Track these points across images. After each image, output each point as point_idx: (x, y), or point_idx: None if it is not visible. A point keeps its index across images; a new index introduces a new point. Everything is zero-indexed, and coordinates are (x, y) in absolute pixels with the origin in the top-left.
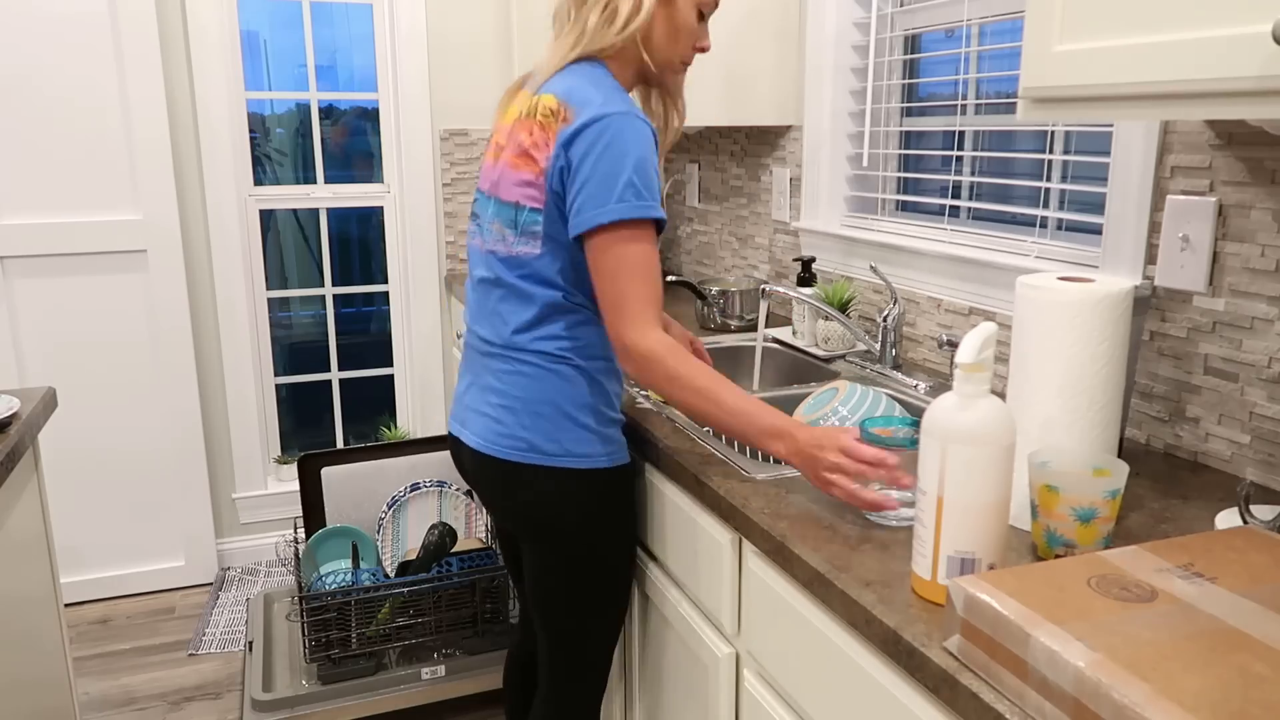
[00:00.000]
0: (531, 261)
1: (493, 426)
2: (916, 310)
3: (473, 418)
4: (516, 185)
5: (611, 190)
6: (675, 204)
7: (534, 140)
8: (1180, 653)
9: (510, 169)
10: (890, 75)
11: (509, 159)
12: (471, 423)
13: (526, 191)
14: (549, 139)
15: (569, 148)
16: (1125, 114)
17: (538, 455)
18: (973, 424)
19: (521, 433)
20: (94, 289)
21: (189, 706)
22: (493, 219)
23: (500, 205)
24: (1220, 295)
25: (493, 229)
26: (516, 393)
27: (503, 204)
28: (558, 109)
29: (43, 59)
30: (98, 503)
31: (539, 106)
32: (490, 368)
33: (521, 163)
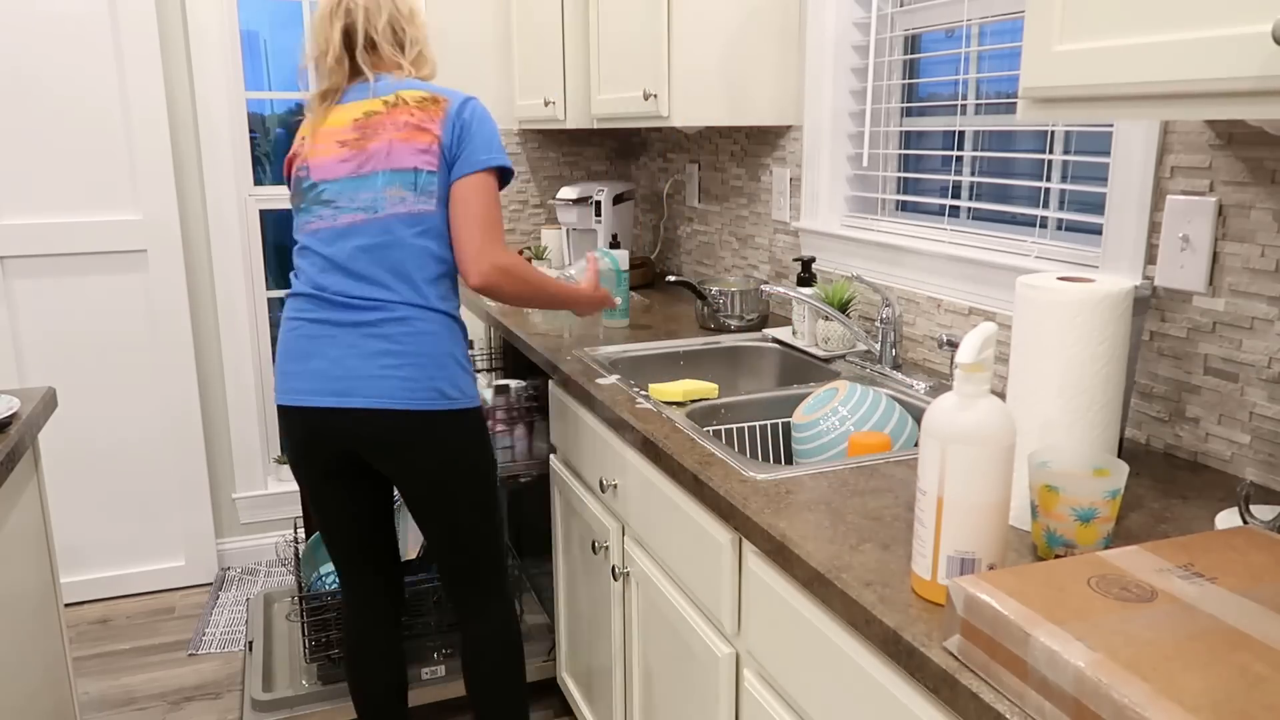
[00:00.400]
0: (429, 217)
1: (402, 385)
2: (916, 310)
3: (365, 383)
4: (412, 154)
5: (492, 145)
6: (675, 204)
7: (418, 118)
8: (1180, 653)
9: (401, 142)
10: (890, 75)
11: (395, 135)
12: (364, 388)
13: (423, 158)
14: (435, 116)
15: (460, 116)
16: (1125, 114)
17: (447, 401)
18: (973, 424)
19: (432, 384)
20: (94, 289)
21: (189, 706)
22: (383, 187)
23: (392, 174)
24: (1220, 295)
25: (387, 196)
26: (422, 349)
27: (396, 172)
28: (431, 96)
29: (43, 59)
30: (98, 503)
31: (406, 98)
32: (379, 333)
33: (414, 135)
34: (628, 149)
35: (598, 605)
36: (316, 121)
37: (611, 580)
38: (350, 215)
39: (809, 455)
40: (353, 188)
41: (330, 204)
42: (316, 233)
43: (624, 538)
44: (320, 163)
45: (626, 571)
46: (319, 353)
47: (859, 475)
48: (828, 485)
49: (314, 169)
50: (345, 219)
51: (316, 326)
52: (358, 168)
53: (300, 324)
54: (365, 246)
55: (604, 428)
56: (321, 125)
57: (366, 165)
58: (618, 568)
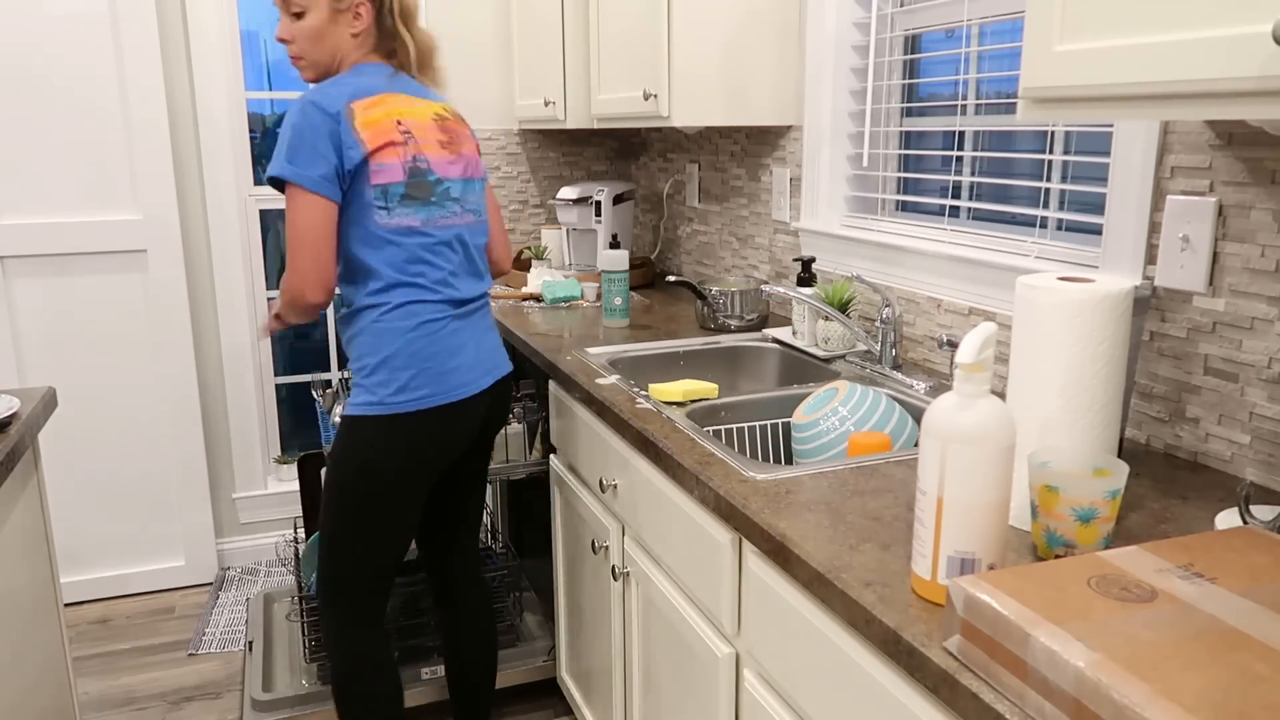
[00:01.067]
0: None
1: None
2: (916, 310)
3: (502, 354)
4: (480, 164)
5: None
6: (675, 204)
7: (469, 133)
8: (1180, 653)
9: (474, 153)
10: (890, 75)
11: (470, 146)
12: (503, 357)
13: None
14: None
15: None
16: (1125, 114)
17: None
18: (973, 424)
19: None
20: (94, 289)
21: (189, 706)
22: (480, 194)
23: (482, 182)
24: (1220, 295)
25: (485, 202)
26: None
27: (483, 180)
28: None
29: (43, 59)
30: (98, 503)
31: (450, 110)
32: (488, 311)
33: (476, 149)
34: (628, 149)
35: (598, 605)
36: (401, 108)
37: (611, 580)
38: (462, 216)
39: (809, 455)
40: (463, 190)
41: (457, 201)
42: (448, 229)
43: (624, 538)
44: (436, 156)
45: (626, 571)
46: (468, 340)
47: (859, 475)
48: (828, 485)
49: (434, 164)
50: (462, 219)
51: (464, 316)
52: (467, 169)
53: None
54: (475, 245)
55: (604, 428)
56: (413, 115)
57: (469, 170)
58: (618, 568)
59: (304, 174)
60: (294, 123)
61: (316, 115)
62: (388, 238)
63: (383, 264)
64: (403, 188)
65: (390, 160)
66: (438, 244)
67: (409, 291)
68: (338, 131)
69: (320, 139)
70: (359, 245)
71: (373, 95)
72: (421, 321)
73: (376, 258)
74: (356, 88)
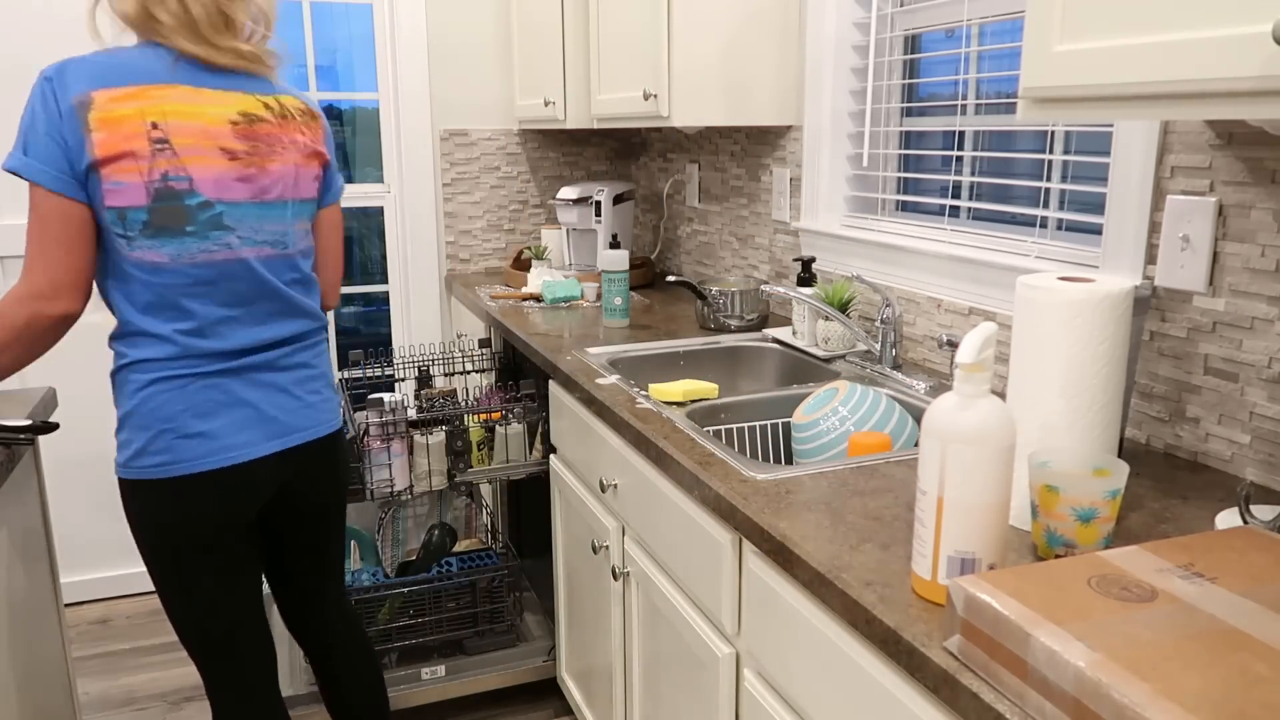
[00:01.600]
0: (311, 246)
1: (332, 408)
2: (916, 310)
3: (310, 413)
4: (311, 182)
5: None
6: (675, 204)
7: (310, 138)
8: (1180, 653)
9: (305, 168)
10: (890, 75)
11: (300, 160)
12: (312, 416)
13: (315, 186)
14: (319, 136)
15: (328, 139)
16: (1125, 114)
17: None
18: (973, 424)
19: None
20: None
21: (189, 706)
22: (293, 220)
23: (300, 204)
24: (1220, 295)
25: (296, 229)
26: (327, 371)
27: (303, 203)
28: (308, 110)
29: (43, 59)
30: (98, 503)
31: (293, 109)
32: (301, 360)
33: (311, 161)
34: (628, 149)
35: (598, 605)
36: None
37: (611, 580)
38: (249, 248)
39: (809, 455)
40: (255, 216)
41: (231, 230)
42: (219, 264)
43: (624, 538)
44: (207, 175)
45: (626, 571)
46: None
47: (859, 475)
48: (828, 485)
49: (199, 182)
50: (241, 252)
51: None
52: (262, 191)
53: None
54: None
55: (604, 428)
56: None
57: (273, 191)
58: (618, 568)
59: (40, 169)
60: (30, 103)
61: (48, 98)
62: (130, 271)
63: (124, 302)
64: (144, 214)
65: (127, 177)
66: (194, 285)
67: (149, 345)
68: (60, 125)
69: (51, 127)
70: (103, 274)
71: (128, 85)
72: (158, 378)
73: (119, 293)
74: (110, 68)
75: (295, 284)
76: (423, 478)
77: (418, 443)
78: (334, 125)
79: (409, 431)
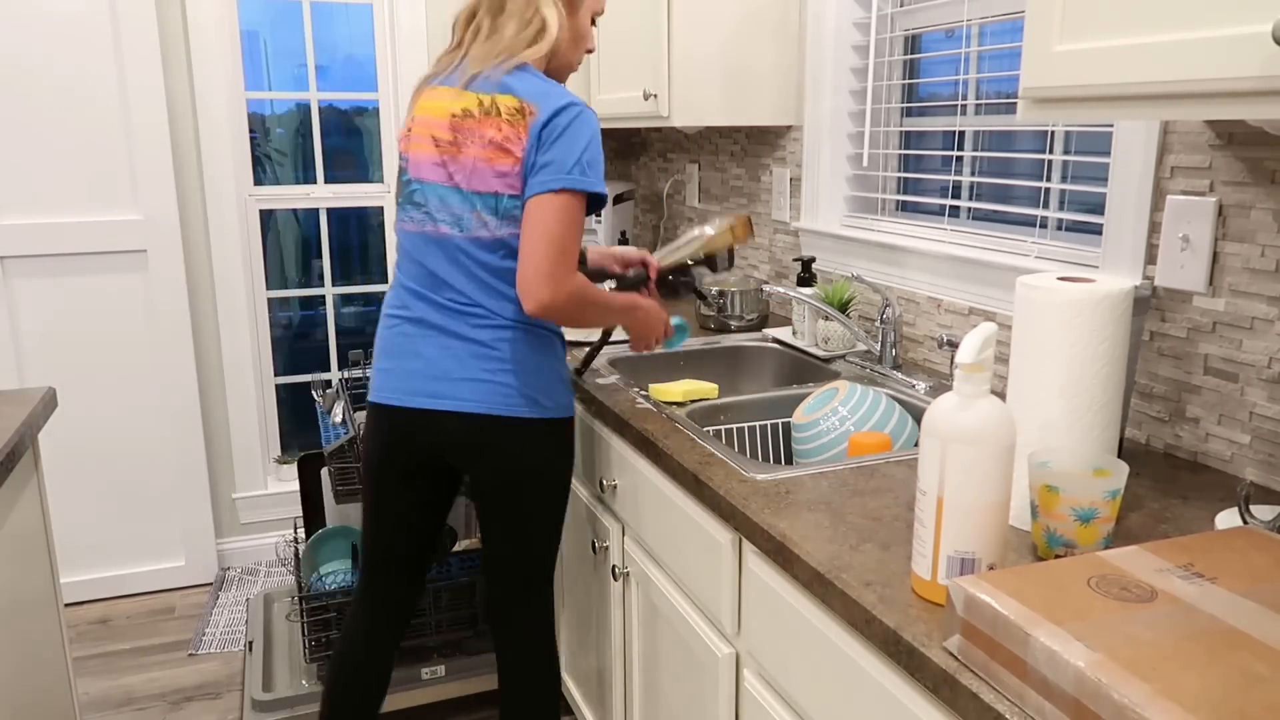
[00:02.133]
0: (513, 241)
1: (497, 390)
2: (916, 310)
3: (457, 386)
4: (494, 177)
5: (567, 164)
6: (675, 204)
7: (505, 135)
8: (1180, 653)
9: (484, 163)
10: (890, 75)
11: (479, 153)
12: (457, 391)
13: (505, 181)
14: (520, 133)
15: (542, 132)
16: (1125, 114)
17: (538, 409)
18: (973, 424)
19: (528, 391)
20: (94, 289)
21: (189, 706)
22: (469, 208)
23: (475, 195)
24: (1220, 295)
25: (472, 218)
26: (519, 357)
27: (479, 194)
28: (522, 107)
29: (43, 59)
30: (98, 502)
31: (499, 106)
32: (481, 339)
33: (496, 156)
34: (628, 149)
35: (598, 605)
36: (424, 101)
37: (611, 580)
38: (429, 225)
39: (809, 455)
40: (430, 196)
41: (419, 207)
42: (410, 235)
43: (624, 538)
44: (416, 155)
45: (626, 571)
46: (406, 352)
47: (859, 475)
48: (828, 485)
49: (412, 163)
50: (425, 228)
51: (412, 324)
52: (454, 178)
53: (398, 321)
54: (442, 260)
55: (604, 428)
56: (423, 110)
57: (456, 177)
58: (618, 568)
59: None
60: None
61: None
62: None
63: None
64: (397, 184)
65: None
66: (401, 248)
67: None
68: None
69: None
70: None
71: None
72: (384, 314)
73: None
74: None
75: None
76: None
77: None
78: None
79: None
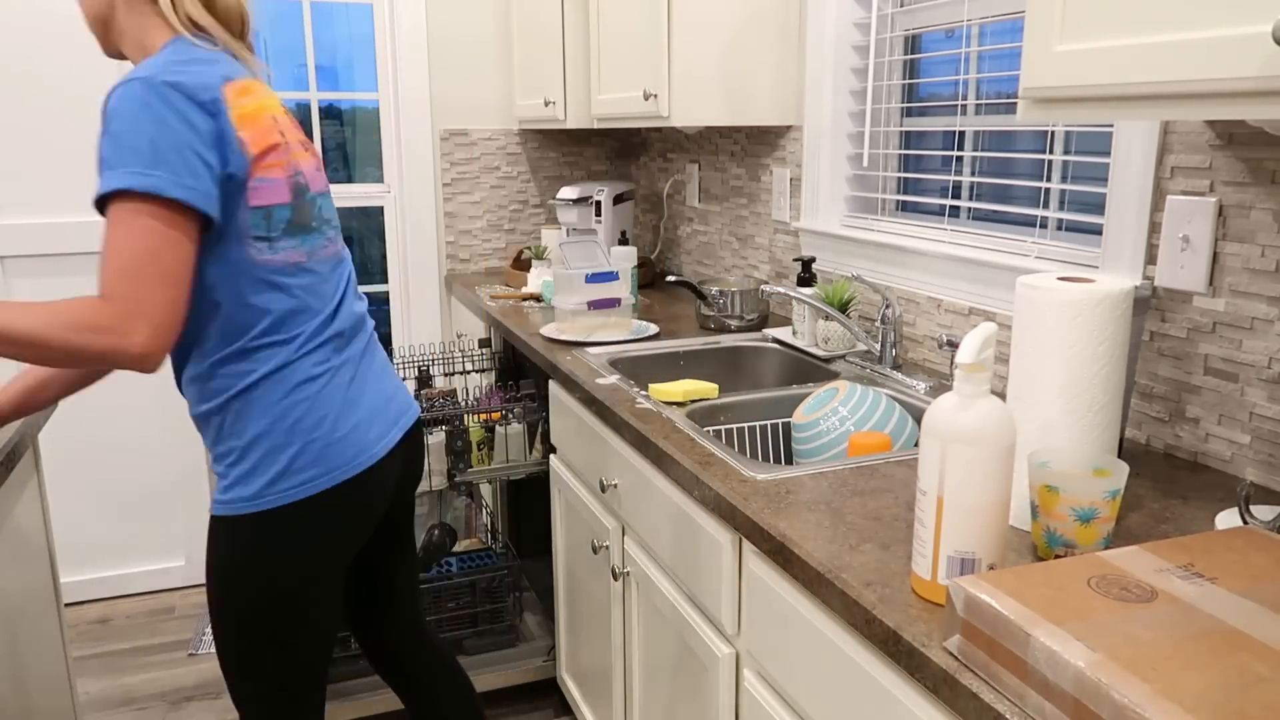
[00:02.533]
0: None
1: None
2: (916, 310)
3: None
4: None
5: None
6: (675, 204)
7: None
8: (1180, 653)
9: (318, 161)
10: (890, 75)
11: (316, 155)
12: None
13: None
14: None
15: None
16: (1125, 114)
17: None
18: (973, 424)
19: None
20: (94, 289)
21: (189, 706)
22: (332, 213)
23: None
24: (1220, 295)
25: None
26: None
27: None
28: None
29: (43, 59)
30: (98, 503)
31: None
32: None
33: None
34: (628, 149)
35: (598, 605)
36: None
37: (611, 580)
38: (335, 244)
39: (809, 455)
40: (328, 208)
41: (329, 223)
42: (324, 257)
43: (624, 538)
44: (303, 163)
45: (626, 571)
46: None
47: (859, 475)
48: (828, 485)
49: (308, 176)
50: (333, 248)
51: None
52: (324, 184)
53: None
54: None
55: (604, 428)
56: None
57: (324, 185)
58: (618, 568)
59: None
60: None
61: (174, 104)
62: (270, 279)
63: (253, 316)
64: (289, 211)
65: (272, 173)
66: (321, 283)
67: (283, 352)
68: (216, 128)
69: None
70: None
71: (239, 78)
72: (299, 382)
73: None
74: (215, 64)
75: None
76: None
77: None
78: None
79: None
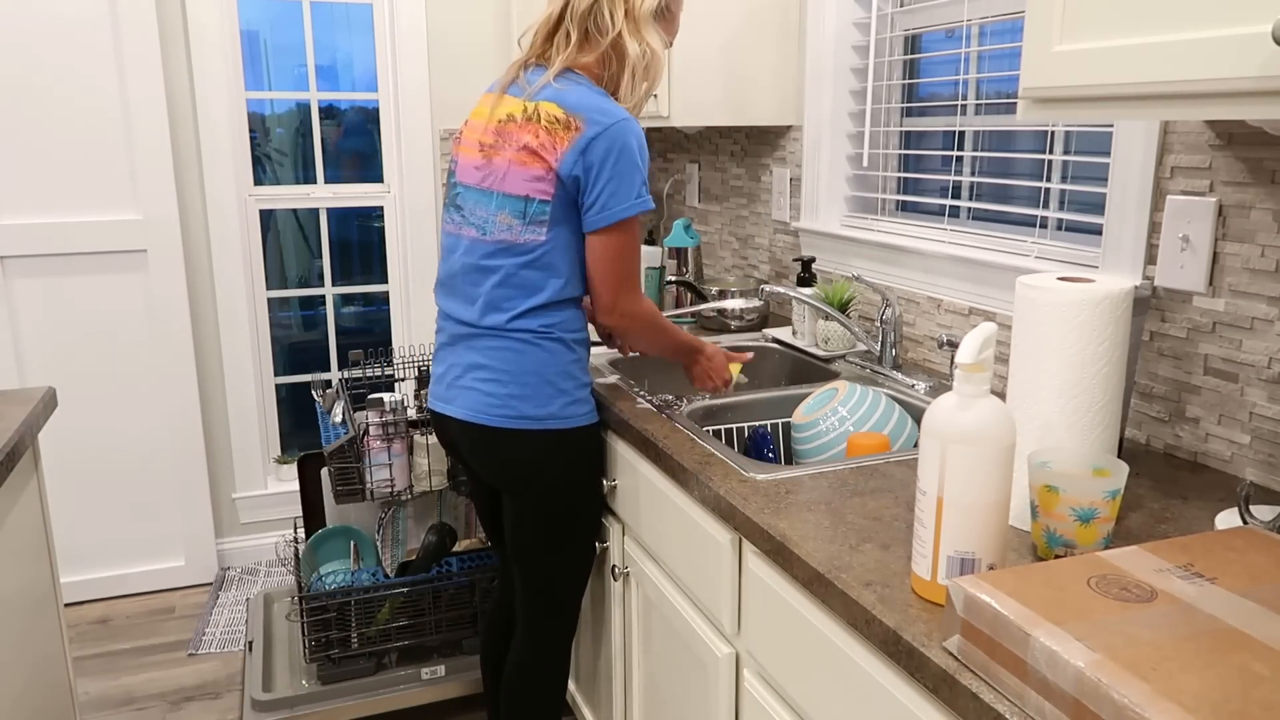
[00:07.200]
0: (538, 248)
1: (482, 400)
2: (916, 310)
3: (458, 394)
4: (526, 181)
5: (630, 190)
6: (675, 204)
7: (540, 142)
8: (1180, 653)
9: (518, 166)
10: (890, 75)
11: (514, 157)
12: (457, 399)
13: (536, 186)
14: (557, 143)
15: (585, 153)
16: (1125, 114)
17: (526, 421)
18: (973, 424)
19: (512, 401)
20: (94, 289)
21: (189, 706)
22: (495, 211)
23: (504, 198)
24: (1220, 295)
25: (497, 220)
26: (504, 366)
27: (508, 197)
28: (564, 118)
29: (43, 59)
30: (98, 503)
31: (541, 113)
32: (474, 346)
33: (530, 160)
34: None
35: (598, 605)
36: (479, 107)
37: (611, 580)
38: (465, 228)
39: (809, 455)
40: (469, 199)
41: (459, 210)
42: (450, 236)
43: (624, 538)
44: (465, 160)
45: (626, 571)
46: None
47: (859, 475)
48: (828, 485)
49: (459, 167)
50: (463, 230)
51: (443, 334)
52: (489, 180)
53: (439, 329)
54: (467, 265)
55: (604, 428)
56: (484, 116)
57: (488, 180)
58: (618, 568)
59: None
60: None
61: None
62: None
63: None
64: (446, 187)
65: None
66: (442, 248)
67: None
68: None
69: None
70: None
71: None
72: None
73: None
74: None
75: (480, 271)
76: (422, 478)
77: (418, 443)
78: (333, 125)
79: (409, 431)
